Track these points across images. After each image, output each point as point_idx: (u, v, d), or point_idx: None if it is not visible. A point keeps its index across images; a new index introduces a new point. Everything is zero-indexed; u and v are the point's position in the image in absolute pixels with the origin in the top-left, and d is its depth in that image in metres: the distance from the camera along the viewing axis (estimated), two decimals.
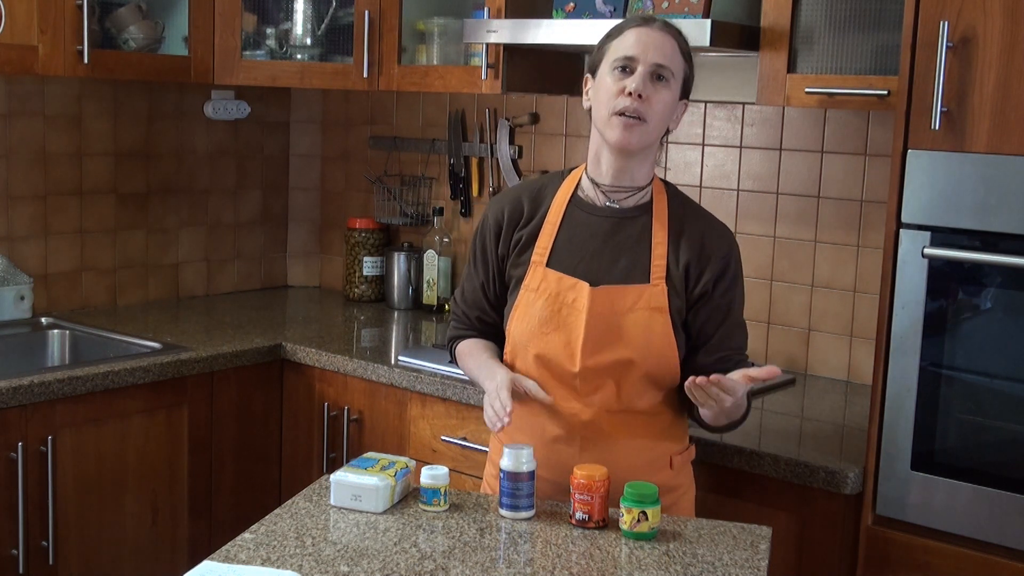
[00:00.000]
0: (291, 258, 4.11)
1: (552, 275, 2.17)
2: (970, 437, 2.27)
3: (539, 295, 2.17)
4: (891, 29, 2.52)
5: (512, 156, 3.55)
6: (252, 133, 3.93)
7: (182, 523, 3.06)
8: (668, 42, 2.12)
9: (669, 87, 2.11)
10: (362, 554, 1.87)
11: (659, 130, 2.14)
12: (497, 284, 2.27)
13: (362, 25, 3.32)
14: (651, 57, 2.09)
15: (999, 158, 2.12)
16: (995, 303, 2.21)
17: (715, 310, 2.17)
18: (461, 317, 2.34)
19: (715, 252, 2.17)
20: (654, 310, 2.13)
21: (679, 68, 2.13)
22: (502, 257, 2.25)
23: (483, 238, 2.28)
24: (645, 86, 2.09)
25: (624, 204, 2.20)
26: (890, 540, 2.28)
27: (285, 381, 3.23)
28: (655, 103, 2.10)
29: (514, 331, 2.20)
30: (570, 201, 2.22)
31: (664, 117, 2.13)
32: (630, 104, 2.08)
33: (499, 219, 2.26)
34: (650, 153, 2.18)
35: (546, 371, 2.17)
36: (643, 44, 2.10)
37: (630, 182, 2.19)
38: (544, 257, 2.19)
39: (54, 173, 3.41)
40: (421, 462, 2.58)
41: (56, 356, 3.29)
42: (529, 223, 2.23)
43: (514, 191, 2.30)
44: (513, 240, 2.24)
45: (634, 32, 2.13)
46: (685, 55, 2.15)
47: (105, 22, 3.30)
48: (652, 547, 1.94)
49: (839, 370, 3.03)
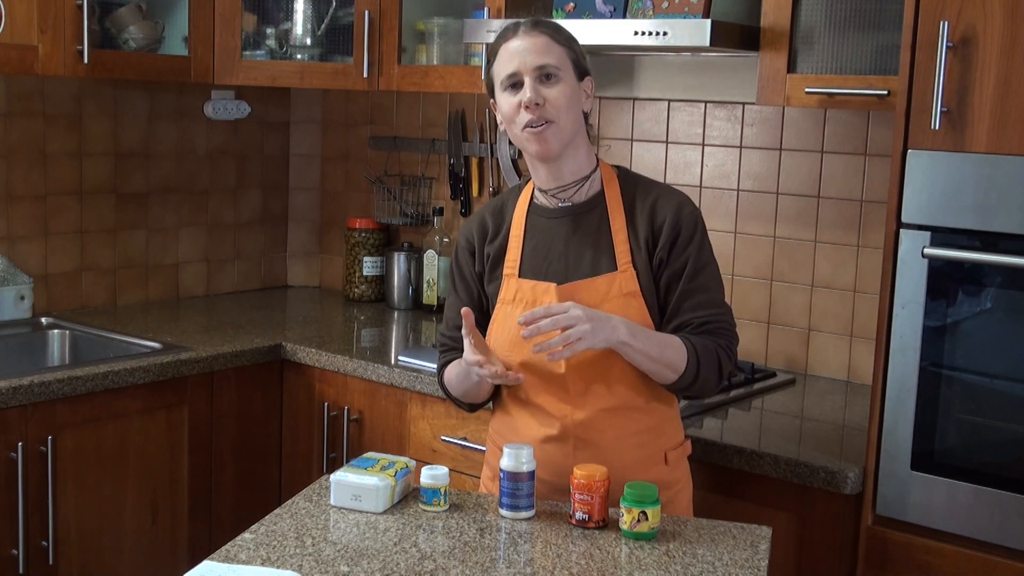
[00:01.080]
0: (291, 258, 4.11)
1: (526, 284, 2.19)
2: (970, 437, 2.26)
3: (516, 305, 2.18)
4: (891, 29, 2.52)
5: (512, 156, 3.55)
6: (252, 133, 3.93)
7: (182, 523, 3.06)
8: (539, 40, 2.13)
9: (560, 79, 2.13)
10: (362, 554, 1.87)
11: (572, 121, 2.15)
12: (482, 303, 2.27)
13: (362, 25, 3.32)
14: (529, 63, 2.12)
15: (999, 158, 2.12)
16: (995, 303, 2.21)
17: (676, 272, 2.14)
18: (447, 343, 2.33)
19: (666, 217, 2.16)
20: (627, 296, 2.14)
21: (561, 57, 2.14)
22: (480, 274, 2.28)
23: (458, 261, 2.31)
24: (536, 92, 2.11)
25: (575, 200, 2.21)
26: (890, 540, 2.29)
27: (285, 381, 3.23)
28: (554, 100, 2.11)
29: (495, 344, 2.20)
30: (529, 211, 2.25)
31: (570, 107, 2.14)
32: (531, 116, 2.11)
33: (470, 239, 2.30)
34: (577, 143, 2.19)
35: (534, 376, 2.17)
36: (517, 56, 2.12)
37: (571, 177, 2.20)
38: (515, 269, 2.21)
39: (54, 173, 3.41)
40: (421, 462, 2.58)
41: (56, 356, 3.29)
42: (496, 239, 2.25)
43: (479, 213, 2.33)
44: (484, 256, 2.26)
45: (505, 49, 2.15)
46: (563, 41, 2.16)
47: (105, 22, 3.30)
48: (652, 547, 1.94)
49: (839, 370, 3.03)
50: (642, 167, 3.27)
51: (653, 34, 2.66)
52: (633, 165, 3.29)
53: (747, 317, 3.16)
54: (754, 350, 3.14)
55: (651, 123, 3.28)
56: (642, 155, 3.30)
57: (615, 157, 3.32)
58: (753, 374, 2.94)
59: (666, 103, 3.24)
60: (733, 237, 3.16)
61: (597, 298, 2.14)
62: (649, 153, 3.28)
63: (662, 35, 2.65)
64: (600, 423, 2.15)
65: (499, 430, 2.28)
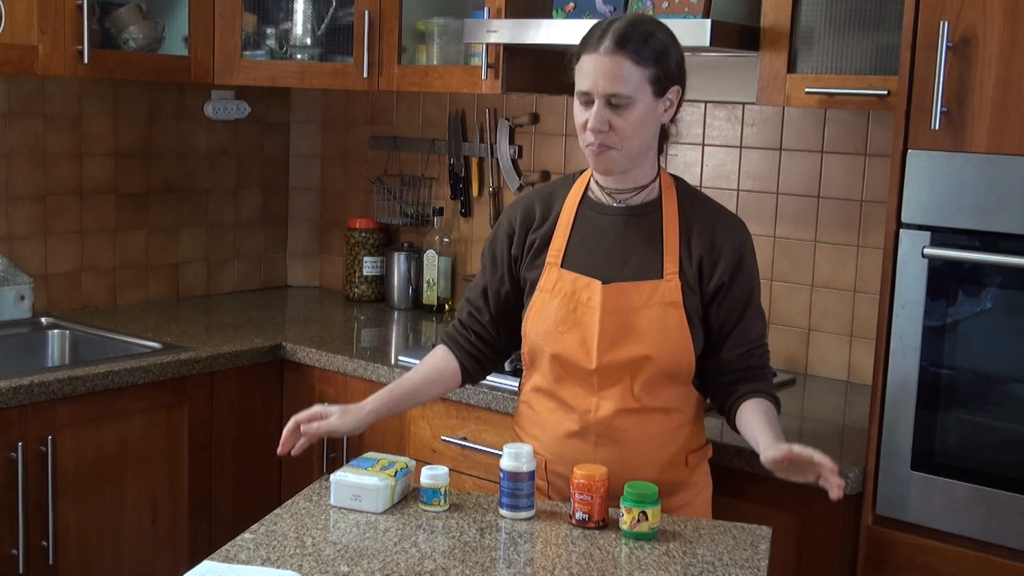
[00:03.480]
0: (291, 258, 4.11)
1: (567, 275, 2.19)
2: (970, 437, 2.26)
3: (554, 295, 2.19)
4: (891, 29, 2.52)
5: (512, 156, 3.55)
6: (252, 133, 3.93)
7: (182, 523, 3.06)
8: (618, 63, 2.06)
9: (631, 107, 2.08)
10: (362, 554, 1.87)
11: (635, 146, 2.12)
12: (503, 286, 2.29)
13: (362, 25, 3.32)
14: (602, 88, 2.07)
15: (999, 158, 2.12)
16: (995, 303, 2.20)
17: (734, 303, 2.18)
18: (458, 312, 2.38)
19: (727, 244, 2.18)
20: (668, 305, 2.14)
21: (639, 83, 2.07)
22: (515, 259, 2.27)
23: (495, 242, 2.31)
24: (602, 118, 2.08)
25: (632, 202, 2.21)
26: (890, 540, 2.28)
27: (285, 381, 3.23)
28: (620, 128, 2.08)
29: (530, 332, 2.22)
30: (581, 202, 2.24)
31: (637, 132, 2.10)
32: (594, 140, 2.10)
33: (512, 223, 2.29)
34: (643, 157, 2.18)
35: (563, 370, 2.18)
36: (594, 75, 2.08)
37: (632, 183, 2.20)
38: (558, 258, 2.21)
39: (54, 173, 3.41)
40: (421, 462, 2.58)
41: (56, 356, 3.29)
42: (542, 226, 2.25)
43: (527, 196, 2.33)
44: (527, 243, 2.26)
45: (586, 62, 2.10)
46: (647, 61, 2.08)
47: (105, 22, 3.30)
48: (652, 547, 1.94)
49: (839, 370, 3.03)
50: None
51: None
52: None
53: None
54: None
55: None
56: None
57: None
58: None
59: None
60: None
61: (640, 302, 2.14)
62: None
63: None
64: (623, 422, 2.16)
65: (522, 424, 2.29)
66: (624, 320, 2.14)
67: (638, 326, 2.13)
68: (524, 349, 2.26)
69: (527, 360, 2.27)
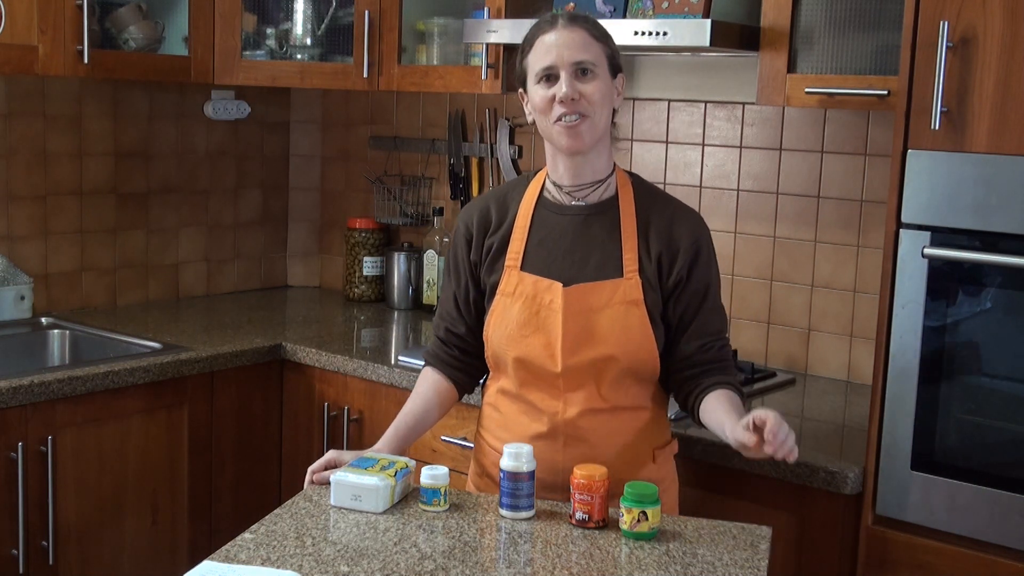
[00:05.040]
0: (291, 258, 4.11)
1: (527, 278, 2.18)
2: (970, 437, 2.26)
3: (515, 299, 2.18)
4: (891, 29, 2.52)
5: (512, 156, 3.55)
6: (252, 133, 3.93)
7: (182, 523, 3.06)
8: (577, 35, 2.13)
9: (596, 75, 2.13)
10: (362, 554, 1.87)
11: (605, 117, 2.16)
12: (470, 293, 2.28)
13: (362, 25, 3.32)
14: (568, 57, 2.11)
15: (999, 158, 2.12)
16: (995, 303, 2.21)
17: (692, 296, 2.18)
18: (435, 329, 2.36)
19: (685, 239, 2.18)
20: (630, 304, 2.14)
21: (598, 53, 2.14)
22: (474, 264, 2.27)
23: (455, 248, 2.31)
24: (573, 87, 2.11)
25: (589, 200, 2.21)
26: (890, 540, 2.28)
27: (285, 381, 3.23)
28: (590, 96, 2.12)
29: (492, 337, 2.21)
30: (537, 203, 2.24)
31: (603, 103, 2.15)
32: (566, 110, 2.11)
33: (469, 228, 2.28)
34: (603, 143, 2.20)
35: (528, 373, 2.18)
36: (556, 48, 2.12)
37: (591, 177, 2.21)
38: (517, 261, 2.20)
39: (54, 173, 3.41)
40: (421, 462, 2.58)
41: (56, 356, 3.29)
42: (499, 229, 2.25)
43: (482, 199, 2.32)
44: (485, 247, 2.25)
45: (542, 41, 2.15)
46: (601, 37, 2.16)
47: (105, 22, 3.30)
48: (652, 547, 1.94)
49: (839, 370, 3.03)
50: (642, 167, 3.27)
51: (653, 34, 2.66)
52: (633, 165, 3.29)
53: (747, 317, 3.16)
54: (754, 350, 3.14)
55: (651, 123, 3.28)
56: (642, 155, 3.30)
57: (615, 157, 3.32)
58: (753, 374, 2.94)
59: (666, 103, 3.24)
60: (733, 237, 3.16)
61: (601, 302, 2.14)
62: (649, 153, 3.28)
63: (662, 35, 2.65)
64: (590, 422, 2.16)
65: (488, 427, 2.29)
66: (587, 321, 2.14)
67: (601, 327, 2.14)
68: (487, 353, 2.25)
69: (491, 363, 2.26)
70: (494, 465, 2.23)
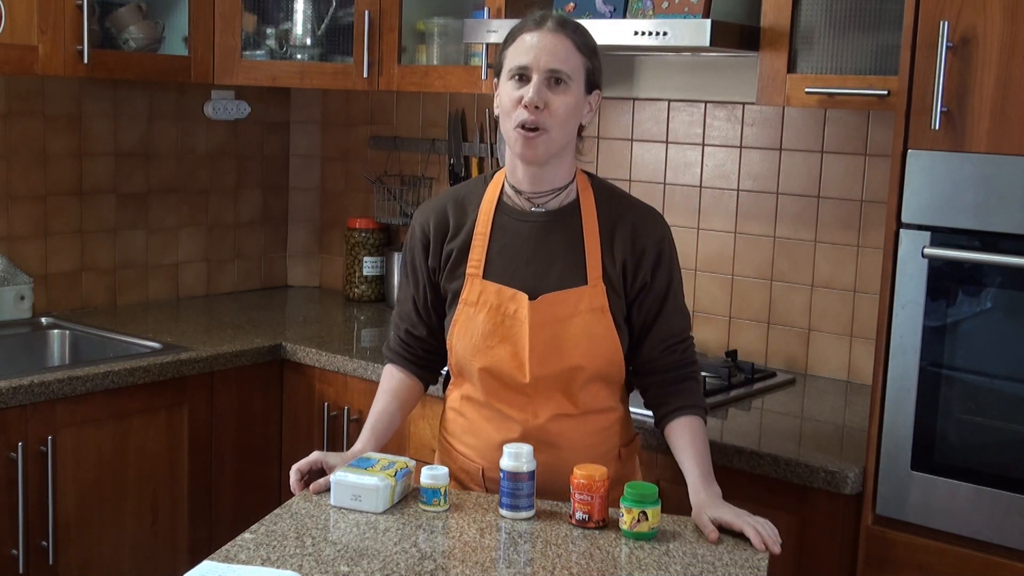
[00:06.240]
0: (291, 258, 4.11)
1: (490, 287, 2.15)
2: (970, 437, 2.26)
3: (479, 308, 2.16)
4: (891, 29, 2.52)
5: None
6: (252, 133, 3.93)
7: (182, 523, 3.06)
8: (561, 43, 2.08)
9: (568, 89, 2.08)
10: (362, 554, 1.87)
11: (564, 135, 2.11)
12: (428, 298, 2.25)
13: (362, 25, 3.32)
14: (544, 63, 2.06)
15: (999, 158, 2.12)
16: (995, 303, 2.20)
17: (655, 299, 2.17)
18: (395, 328, 2.33)
19: (648, 242, 2.17)
20: (595, 311, 2.13)
21: (577, 67, 2.09)
22: (433, 270, 2.23)
23: (411, 251, 2.26)
24: (541, 94, 2.06)
25: (549, 207, 2.18)
26: (890, 540, 2.28)
27: (285, 381, 3.23)
28: (555, 109, 2.06)
29: (456, 346, 2.19)
30: (497, 208, 2.20)
31: (567, 120, 2.09)
32: (528, 117, 2.06)
33: (425, 231, 2.23)
34: (565, 154, 2.15)
35: (495, 383, 2.17)
36: (535, 50, 2.07)
37: (549, 185, 2.17)
38: (479, 269, 2.17)
39: (54, 173, 3.41)
40: (421, 462, 2.57)
41: (56, 356, 3.29)
42: (458, 235, 2.20)
43: (437, 202, 2.27)
44: (444, 254, 2.21)
45: (526, 38, 2.10)
46: (585, 49, 2.11)
47: (105, 22, 3.30)
48: (652, 547, 1.94)
49: (839, 370, 3.03)
50: (642, 167, 3.28)
51: (653, 34, 2.66)
52: (633, 165, 3.30)
53: (747, 317, 3.16)
54: (754, 350, 3.14)
55: (651, 123, 3.28)
56: (642, 155, 3.30)
57: (615, 157, 3.33)
58: (753, 374, 2.94)
59: (666, 103, 3.24)
60: (733, 237, 3.16)
61: (567, 312, 2.13)
62: (649, 153, 3.28)
63: (662, 35, 2.65)
64: (560, 426, 2.16)
65: (454, 432, 2.27)
66: (554, 332, 2.12)
67: (568, 336, 2.12)
68: (451, 361, 2.23)
69: (454, 371, 2.24)
70: (461, 470, 2.24)
